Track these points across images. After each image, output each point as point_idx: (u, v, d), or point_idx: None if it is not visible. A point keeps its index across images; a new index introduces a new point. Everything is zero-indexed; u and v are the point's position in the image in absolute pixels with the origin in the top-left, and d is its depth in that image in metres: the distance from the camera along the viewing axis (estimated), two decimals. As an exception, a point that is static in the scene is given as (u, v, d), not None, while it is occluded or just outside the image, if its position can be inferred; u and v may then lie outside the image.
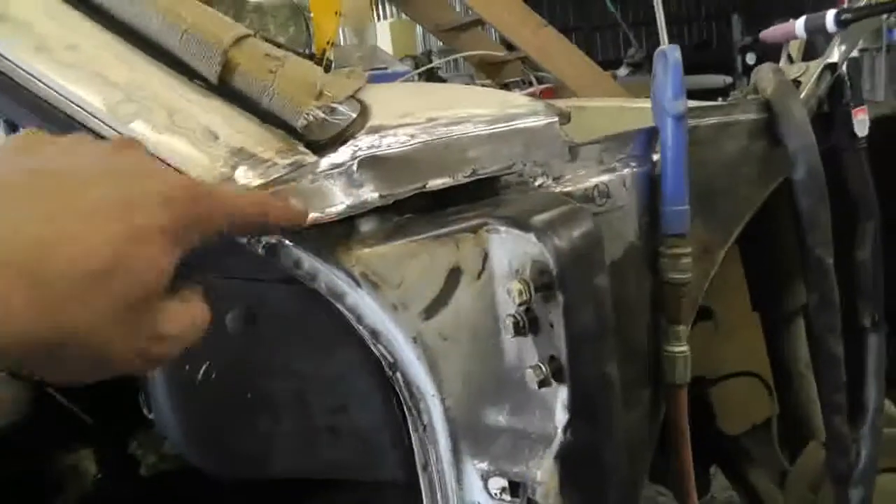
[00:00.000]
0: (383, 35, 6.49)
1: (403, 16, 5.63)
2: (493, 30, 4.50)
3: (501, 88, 3.26)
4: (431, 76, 3.83)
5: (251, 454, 0.76)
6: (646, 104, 0.92)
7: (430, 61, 3.95)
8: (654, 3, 2.69)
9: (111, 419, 1.54)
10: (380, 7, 9.08)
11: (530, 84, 3.23)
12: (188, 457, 0.77)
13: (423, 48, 6.50)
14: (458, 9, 5.12)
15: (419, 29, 6.44)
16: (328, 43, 1.23)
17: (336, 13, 1.29)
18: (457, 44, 4.25)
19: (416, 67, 3.67)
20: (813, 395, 1.36)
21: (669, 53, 0.85)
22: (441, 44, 5.05)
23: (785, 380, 1.41)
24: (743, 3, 6.04)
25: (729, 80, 5.78)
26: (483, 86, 3.55)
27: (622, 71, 5.87)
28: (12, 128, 1.71)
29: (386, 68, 3.13)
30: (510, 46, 4.18)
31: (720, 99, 1.19)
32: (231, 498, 1.11)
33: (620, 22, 4.75)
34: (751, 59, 5.81)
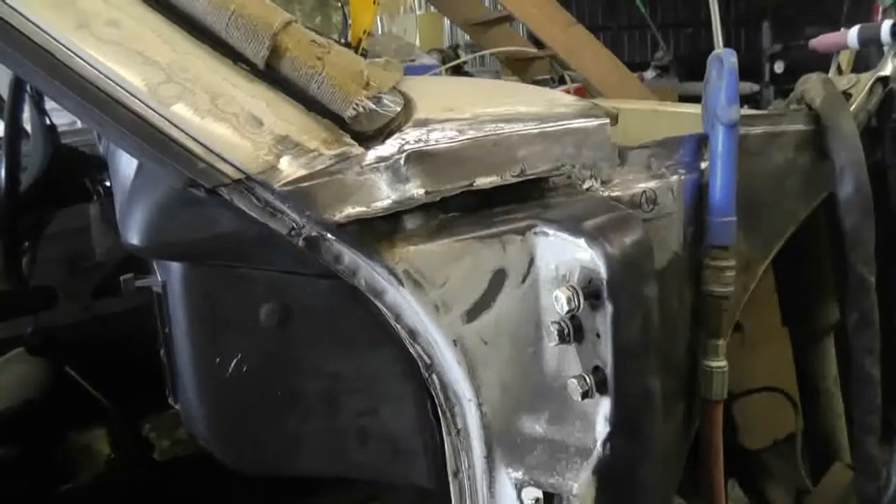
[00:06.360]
0: (410, 27, 6.45)
1: (431, 8, 5.58)
2: (521, 26, 4.46)
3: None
4: (457, 71, 3.79)
5: (277, 452, 0.73)
6: (678, 108, 0.89)
7: (457, 56, 3.91)
8: (711, 6, 2.63)
9: (125, 402, 1.53)
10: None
11: (561, 82, 3.18)
12: (212, 450, 0.75)
13: (449, 42, 6.44)
14: (487, 3, 5.07)
15: (446, 22, 6.39)
16: (364, 32, 1.20)
17: (374, 2, 1.26)
18: (484, 39, 4.21)
19: (443, 61, 3.63)
20: (840, 413, 1.33)
21: (725, 58, 0.82)
22: (467, 38, 5.01)
23: (811, 397, 1.38)
24: (773, 11, 5.95)
25: (756, 87, 5.69)
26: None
27: (649, 73, 5.79)
28: (40, 110, 1.70)
29: (413, 60, 3.09)
30: (538, 44, 4.13)
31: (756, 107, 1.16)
32: (243, 484, 1.09)
33: (649, 23, 4.68)
34: (779, 67, 5.72)
